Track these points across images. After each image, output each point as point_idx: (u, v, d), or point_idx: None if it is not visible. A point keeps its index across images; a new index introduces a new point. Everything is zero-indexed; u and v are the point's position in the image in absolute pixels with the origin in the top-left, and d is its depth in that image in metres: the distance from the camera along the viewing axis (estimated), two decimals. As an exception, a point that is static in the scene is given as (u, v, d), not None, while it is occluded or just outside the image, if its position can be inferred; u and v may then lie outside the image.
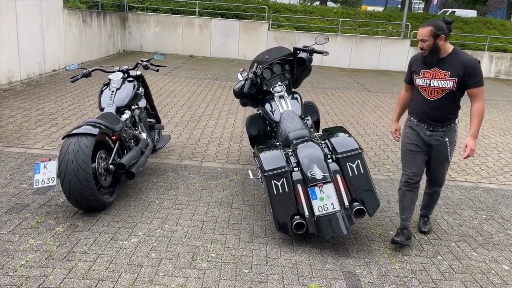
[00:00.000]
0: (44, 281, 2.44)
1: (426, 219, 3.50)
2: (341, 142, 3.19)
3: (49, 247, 2.78)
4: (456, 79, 2.92)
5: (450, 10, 28.23)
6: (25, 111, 5.97)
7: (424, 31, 2.90)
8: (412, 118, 3.23)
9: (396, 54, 14.69)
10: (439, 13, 27.21)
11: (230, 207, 3.60)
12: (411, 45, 14.68)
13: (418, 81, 3.05)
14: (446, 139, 3.07)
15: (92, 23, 11.40)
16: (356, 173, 3.06)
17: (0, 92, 7.01)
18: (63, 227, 3.04)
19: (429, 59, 2.95)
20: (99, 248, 2.82)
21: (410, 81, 3.18)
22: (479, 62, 2.94)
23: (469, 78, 2.89)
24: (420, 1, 37.67)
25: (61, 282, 2.44)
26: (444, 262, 3.02)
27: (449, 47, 2.95)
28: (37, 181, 3.04)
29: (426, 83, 3.01)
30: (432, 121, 3.06)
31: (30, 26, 8.27)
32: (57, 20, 9.43)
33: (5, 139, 4.81)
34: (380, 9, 32.21)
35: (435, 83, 2.97)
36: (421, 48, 2.95)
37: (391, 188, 4.28)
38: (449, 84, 2.93)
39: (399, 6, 30.19)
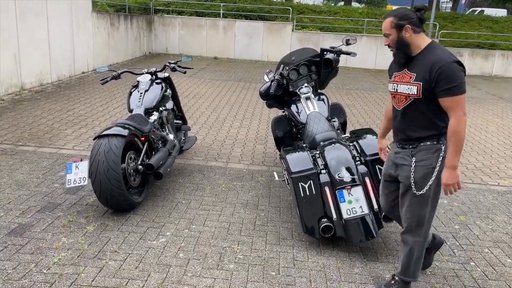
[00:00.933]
0: (76, 279, 2.50)
1: (393, 281, 2.56)
2: (370, 144, 3.14)
3: (80, 246, 2.84)
4: (421, 83, 2.22)
5: (479, 9, 27.46)
6: (56, 112, 6.14)
7: (385, 24, 2.32)
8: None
9: (423, 54, 14.36)
10: (467, 12, 26.50)
11: (256, 209, 3.60)
12: (439, 45, 14.34)
13: (389, 87, 2.45)
14: (413, 159, 2.32)
15: (119, 26, 11.64)
16: (386, 176, 3.00)
17: (32, 94, 7.23)
18: (94, 226, 3.11)
19: (396, 57, 2.36)
20: (129, 247, 2.87)
21: None
22: (458, 62, 2.16)
23: (436, 83, 2.17)
24: (448, 0, 36.80)
25: (92, 280, 2.50)
26: (477, 269, 2.93)
27: (423, 42, 2.28)
28: (69, 180, 3.12)
29: (394, 89, 2.38)
30: (398, 138, 2.45)
31: (60, 29, 8.52)
32: (87, 24, 9.67)
33: (38, 139, 4.96)
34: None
35: (400, 88, 2.33)
36: (388, 46, 2.35)
37: (420, 192, 4.18)
38: (413, 89, 2.26)
39: (426, 5, 29.57)
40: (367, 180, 3.00)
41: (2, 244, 2.79)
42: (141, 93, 3.94)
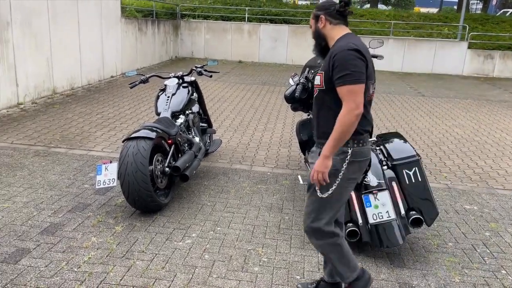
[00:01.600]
0: (105, 277, 2.57)
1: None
2: (397, 148, 3.10)
3: (109, 245, 2.92)
4: (323, 73, 2.11)
5: (511, 10, 26.61)
6: (86, 115, 6.32)
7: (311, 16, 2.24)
8: None
9: (453, 57, 14.07)
10: (498, 13, 25.72)
11: (280, 212, 3.60)
12: (469, 47, 14.00)
13: None
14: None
15: (147, 31, 11.89)
16: (413, 181, 2.95)
17: (63, 97, 7.47)
18: (122, 226, 3.18)
19: (314, 49, 2.27)
20: (156, 248, 2.92)
21: None
22: (355, 50, 2.00)
23: (332, 72, 2.04)
24: (478, 1, 35.83)
25: (121, 279, 2.55)
26: (509, 277, 2.83)
27: (339, 33, 2.15)
28: (98, 181, 3.21)
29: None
30: (315, 134, 2.29)
31: (91, 35, 8.77)
32: (115, 29, 9.92)
33: (69, 141, 5.11)
34: (434, 10, 30.99)
35: (315, 80, 2.21)
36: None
37: (449, 197, 4.09)
38: (318, 80, 2.16)
39: (455, 7, 28.92)
40: (394, 185, 2.95)
41: (35, 243, 2.89)
42: (168, 97, 4.01)
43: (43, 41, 7.25)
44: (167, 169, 3.51)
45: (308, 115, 4.37)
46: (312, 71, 4.07)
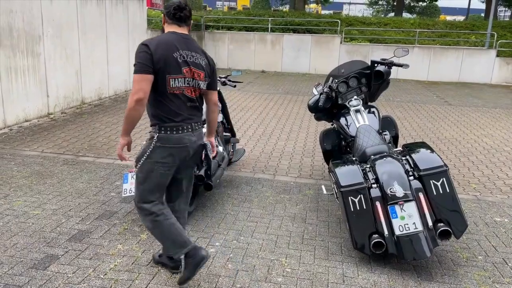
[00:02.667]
0: (130, 285, 2.60)
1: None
2: (424, 158, 3.03)
3: (135, 253, 2.96)
4: None
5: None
6: (113, 125, 6.47)
7: None
8: None
9: (481, 65, 13.76)
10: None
11: (304, 222, 3.57)
12: (497, 55, 13.67)
13: None
14: None
15: (172, 42, 12.12)
16: (441, 192, 2.88)
17: (91, 107, 7.69)
18: (147, 234, 3.22)
19: None
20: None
21: None
22: (144, 44, 2.32)
23: None
24: (506, 8, 35.00)
25: (146, 287, 2.58)
26: (544, 294, 2.72)
27: (167, 30, 2.47)
28: (125, 190, 3.27)
29: None
30: None
31: (118, 47, 9.01)
32: (142, 40, 10.15)
33: (96, 150, 5.24)
34: (461, 18, 30.44)
35: None
36: None
37: (479, 209, 3.97)
38: None
39: (482, 14, 28.32)
40: (421, 196, 2.89)
41: (63, 249, 2.96)
42: (193, 107, 4.06)
43: (73, 53, 7.50)
44: (191, 178, 3.54)
45: (332, 124, 4.34)
46: (336, 80, 4.06)
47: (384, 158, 3.13)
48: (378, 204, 2.90)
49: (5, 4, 5.92)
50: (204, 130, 2.69)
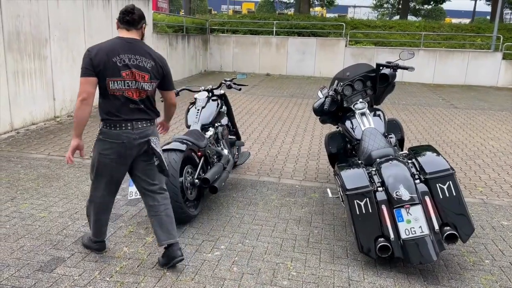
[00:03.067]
0: (136, 287, 2.60)
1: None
2: (430, 161, 3.02)
3: (140, 256, 2.97)
4: None
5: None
6: (119, 128, 6.49)
7: None
8: None
9: (487, 68, 13.70)
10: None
11: (309, 226, 3.56)
12: (503, 58, 13.60)
13: None
14: None
15: (177, 45, 12.19)
16: (448, 195, 2.86)
17: (97, 110, 7.71)
18: (153, 237, 3.23)
19: None
20: (185, 259, 2.94)
21: None
22: (88, 49, 2.58)
23: None
24: (513, 10, 34.81)
25: (151, 290, 2.59)
26: (553, 299, 2.69)
27: (117, 35, 2.70)
28: (131, 193, 3.28)
29: None
30: None
31: (124, 50, 9.05)
32: (147, 44, 10.21)
33: (102, 153, 5.26)
34: (467, 21, 30.34)
35: None
36: None
37: (485, 213, 3.94)
38: None
39: (488, 17, 28.20)
40: (427, 199, 2.87)
41: (69, 252, 2.97)
42: (198, 110, 4.08)
43: (79, 56, 7.54)
44: (196, 181, 3.55)
45: (337, 127, 4.34)
46: (341, 83, 4.05)
47: (390, 161, 3.12)
48: (384, 207, 2.89)
49: (13, 8, 5.98)
50: (152, 128, 2.79)
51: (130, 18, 2.62)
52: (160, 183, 2.87)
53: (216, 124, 4.23)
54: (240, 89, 4.41)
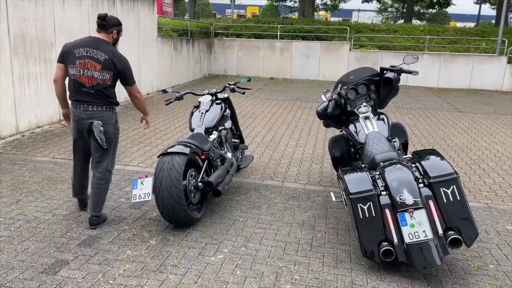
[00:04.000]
0: (139, 290, 2.61)
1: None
2: (434, 165, 3.01)
3: (143, 259, 2.97)
4: None
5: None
6: (123, 131, 6.53)
7: None
8: None
9: (492, 72, 13.65)
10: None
11: (312, 229, 3.56)
12: (508, 62, 13.55)
13: None
14: None
15: (182, 49, 12.24)
16: (452, 200, 2.85)
17: (102, 113, 7.75)
18: (156, 240, 3.24)
19: None
20: (188, 262, 2.95)
21: None
22: (64, 44, 3.31)
23: None
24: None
25: (154, 293, 2.59)
26: (558, 305, 2.66)
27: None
28: (134, 196, 3.29)
29: None
30: None
31: (128, 54, 9.11)
32: (152, 48, 10.27)
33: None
34: (471, 25, 30.27)
35: None
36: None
37: (490, 217, 3.92)
38: None
39: (493, 21, 28.11)
40: (431, 203, 2.86)
41: (73, 254, 2.99)
42: (202, 113, 4.09)
43: (84, 60, 7.60)
44: (200, 184, 3.56)
45: (341, 131, 4.34)
46: (345, 87, 4.06)
47: (394, 165, 3.11)
48: (387, 211, 2.89)
49: (19, 12, 6.04)
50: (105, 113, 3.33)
51: (100, 23, 3.31)
52: (105, 165, 3.39)
53: (219, 128, 4.24)
54: (243, 93, 4.42)
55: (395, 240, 2.83)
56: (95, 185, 3.38)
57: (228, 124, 4.57)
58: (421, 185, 2.96)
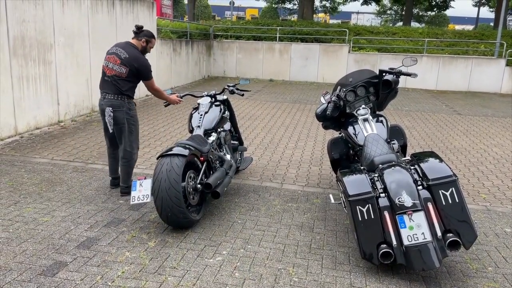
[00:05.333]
0: (137, 292, 2.60)
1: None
2: (432, 167, 3.01)
3: (142, 261, 2.97)
4: None
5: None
6: (122, 133, 6.52)
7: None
8: None
9: (490, 74, 13.68)
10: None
11: (311, 231, 3.56)
12: (507, 64, 13.58)
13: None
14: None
15: (181, 51, 12.25)
16: (450, 202, 2.86)
17: (101, 115, 7.75)
18: (155, 242, 3.24)
19: None
20: (187, 264, 2.95)
21: None
22: None
23: None
24: (516, 17, 34.76)
25: (152, 295, 2.58)
26: (557, 307, 2.66)
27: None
28: (133, 197, 3.28)
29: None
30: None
31: (128, 55, 9.11)
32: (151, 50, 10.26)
33: (105, 158, 5.27)
34: (470, 27, 30.35)
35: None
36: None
37: (488, 220, 3.92)
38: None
39: (492, 24, 28.20)
40: (430, 205, 2.87)
41: (72, 256, 2.98)
42: (201, 115, 4.09)
43: (84, 62, 7.61)
44: (199, 185, 3.56)
45: (340, 133, 4.34)
46: (344, 89, 4.06)
47: (393, 167, 3.11)
48: (386, 213, 2.89)
49: (18, 14, 6.04)
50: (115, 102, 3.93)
51: (134, 31, 4.10)
52: (124, 145, 4.00)
53: (219, 129, 4.24)
54: (243, 95, 4.42)
55: (394, 242, 2.83)
56: (121, 162, 4.07)
57: (227, 126, 4.57)
58: (420, 187, 2.96)
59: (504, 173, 5.37)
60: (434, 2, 30.81)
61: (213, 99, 4.32)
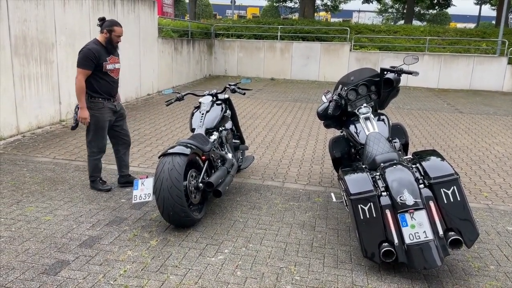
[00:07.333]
0: (140, 290, 2.61)
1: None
2: (434, 166, 3.01)
3: (144, 259, 2.97)
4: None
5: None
6: (124, 132, 6.53)
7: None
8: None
9: (492, 72, 13.65)
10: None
11: (313, 230, 3.56)
12: (509, 63, 13.55)
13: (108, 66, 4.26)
14: None
15: (182, 50, 12.25)
16: (452, 200, 2.85)
17: (102, 114, 7.76)
18: (157, 240, 3.24)
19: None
20: (189, 263, 2.95)
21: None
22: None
23: None
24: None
25: (154, 293, 2.59)
26: (559, 305, 2.66)
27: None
28: (135, 196, 3.29)
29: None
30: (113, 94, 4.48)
31: (129, 55, 9.13)
32: (153, 49, 10.28)
33: (107, 157, 5.28)
34: (471, 25, 30.29)
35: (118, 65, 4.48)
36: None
37: (490, 218, 3.92)
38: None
39: (493, 22, 28.13)
40: (431, 204, 2.87)
41: (74, 255, 2.99)
42: (203, 114, 4.10)
43: (85, 61, 7.60)
44: (200, 184, 3.56)
45: (341, 132, 4.34)
46: (345, 88, 4.06)
47: (394, 166, 3.11)
48: (388, 212, 2.89)
49: (20, 13, 6.05)
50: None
51: (98, 25, 4.21)
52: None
53: (220, 128, 4.24)
54: (244, 94, 4.43)
55: (396, 240, 2.83)
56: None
57: (229, 124, 4.57)
58: (422, 185, 2.96)
59: (506, 171, 5.36)
60: (435, 0, 30.74)
61: (215, 98, 4.33)
